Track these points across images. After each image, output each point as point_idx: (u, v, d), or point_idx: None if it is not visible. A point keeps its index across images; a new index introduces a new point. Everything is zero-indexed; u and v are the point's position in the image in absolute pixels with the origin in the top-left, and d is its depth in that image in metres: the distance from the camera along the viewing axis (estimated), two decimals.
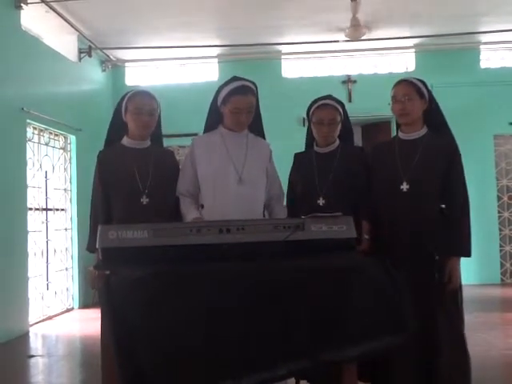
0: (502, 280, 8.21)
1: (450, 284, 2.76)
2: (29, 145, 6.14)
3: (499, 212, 8.31)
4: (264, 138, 3.08)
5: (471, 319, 2.89)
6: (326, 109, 3.01)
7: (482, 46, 8.37)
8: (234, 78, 2.90)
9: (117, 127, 3.01)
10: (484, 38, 8.13)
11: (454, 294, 2.81)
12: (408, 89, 2.87)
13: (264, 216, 2.93)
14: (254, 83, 2.92)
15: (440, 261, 2.77)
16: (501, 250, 8.27)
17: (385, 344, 2.06)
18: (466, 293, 2.87)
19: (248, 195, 2.82)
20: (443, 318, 2.75)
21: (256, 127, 3.02)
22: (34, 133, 6.32)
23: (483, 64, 8.45)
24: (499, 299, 7.28)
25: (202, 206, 2.88)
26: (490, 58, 8.51)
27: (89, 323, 5.94)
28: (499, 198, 8.32)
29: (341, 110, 3.05)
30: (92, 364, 3.67)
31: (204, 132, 3.04)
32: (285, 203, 3.12)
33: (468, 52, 8.31)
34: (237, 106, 2.83)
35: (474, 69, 8.33)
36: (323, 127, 3.01)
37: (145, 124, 2.92)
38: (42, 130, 6.49)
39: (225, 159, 2.86)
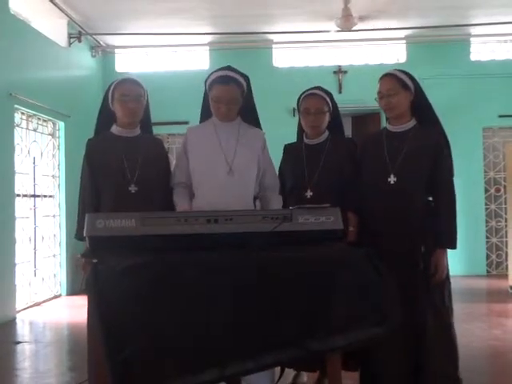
0: (487, 271, 8.31)
1: (436, 276, 2.78)
2: (17, 130, 6.09)
3: (486, 204, 8.38)
4: (260, 128, 3.02)
5: (457, 310, 2.92)
6: (312, 98, 3.05)
7: (472, 39, 8.40)
8: (225, 68, 2.87)
9: (105, 116, 2.99)
10: (474, 30, 8.16)
11: (440, 285, 2.82)
12: (391, 83, 2.85)
13: (255, 206, 2.91)
14: (244, 75, 2.89)
15: (426, 253, 2.79)
16: (487, 242, 8.35)
17: (369, 334, 2.08)
18: (453, 284, 2.90)
19: (238, 186, 2.81)
20: (430, 309, 2.76)
21: (251, 117, 2.98)
22: (22, 118, 6.27)
23: (473, 56, 8.48)
24: (485, 290, 7.38)
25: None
26: (480, 51, 8.54)
27: (76, 310, 5.94)
28: (486, 191, 8.39)
29: (328, 101, 3.06)
30: (79, 351, 3.68)
31: (200, 121, 3.02)
32: None
33: (458, 44, 8.33)
34: (216, 94, 2.81)
35: (464, 61, 8.36)
36: (309, 116, 3.03)
37: (131, 110, 2.90)
38: (30, 116, 6.44)
39: (215, 150, 2.84)
